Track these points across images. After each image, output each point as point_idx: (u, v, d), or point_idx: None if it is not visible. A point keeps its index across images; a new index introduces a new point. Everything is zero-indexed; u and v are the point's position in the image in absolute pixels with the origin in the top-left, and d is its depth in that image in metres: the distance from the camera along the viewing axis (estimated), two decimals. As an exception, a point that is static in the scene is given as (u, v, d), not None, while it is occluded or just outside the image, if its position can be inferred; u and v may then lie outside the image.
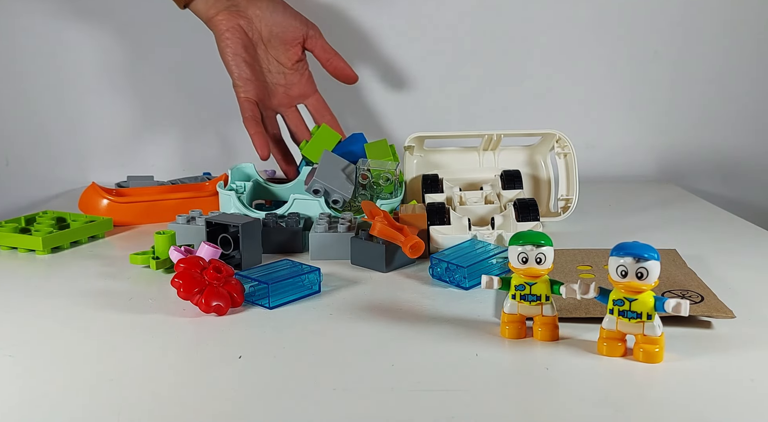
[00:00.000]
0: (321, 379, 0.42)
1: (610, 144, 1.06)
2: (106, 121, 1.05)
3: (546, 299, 0.46)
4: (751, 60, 1.04)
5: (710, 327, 0.48)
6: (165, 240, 0.62)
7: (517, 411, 0.38)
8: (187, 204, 0.80)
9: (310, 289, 0.56)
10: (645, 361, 0.43)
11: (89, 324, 0.50)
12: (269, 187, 0.79)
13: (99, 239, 0.73)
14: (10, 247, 0.69)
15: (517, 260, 0.46)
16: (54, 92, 1.04)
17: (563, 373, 0.42)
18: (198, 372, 0.43)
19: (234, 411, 0.38)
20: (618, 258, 0.42)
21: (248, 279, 0.54)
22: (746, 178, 1.07)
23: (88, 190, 0.81)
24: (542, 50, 1.04)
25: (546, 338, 0.46)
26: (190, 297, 0.51)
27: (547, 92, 1.06)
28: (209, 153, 1.05)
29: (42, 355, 0.45)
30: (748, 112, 1.06)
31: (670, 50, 1.04)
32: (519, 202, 0.69)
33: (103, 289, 0.57)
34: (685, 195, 0.95)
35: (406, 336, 0.48)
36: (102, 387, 0.41)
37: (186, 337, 0.48)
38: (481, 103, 1.06)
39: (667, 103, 1.06)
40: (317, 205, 0.70)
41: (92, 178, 0.98)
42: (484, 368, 0.43)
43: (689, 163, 1.07)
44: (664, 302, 0.42)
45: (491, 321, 0.50)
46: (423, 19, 1.03)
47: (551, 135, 0.78)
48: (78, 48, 1.02)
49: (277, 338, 0.48)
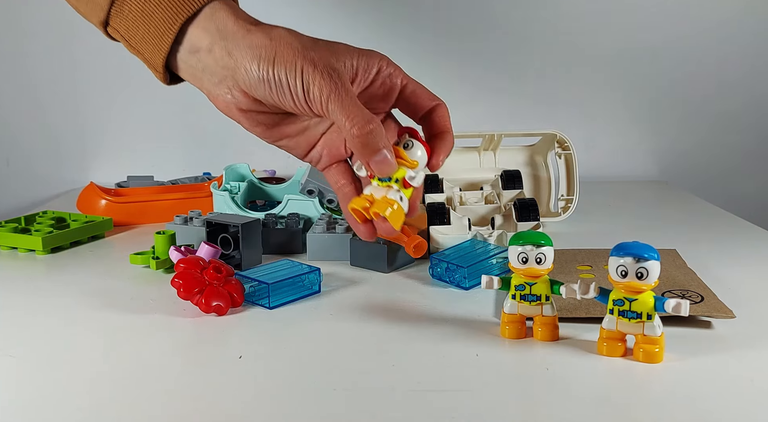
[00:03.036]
0: (321, 379, 0.42)
1: (610, 144, 1.07)
2: (106, 121, 1.05)
3: (546, 299, 0.46)
4: (751, 60, 1.04)
5: (710, 327, 0.48)
6: (165, 241, 0.62)
7: (517, 411, 0.38)
8: (185, 204, 0.80)
9: (310, 289, 0.56)
10: (645, 361, 0.43)
11: (89, 324, 0.50)
12: (264, 188, 0.79)
13: (99, 239, 0.73)
14: (10, 247, 0.69)
15: (517, 260, 0.45)
16: (54, 92, 1.04)
17: (563, 373, 0.42)
18: (198, 372, 0.43)
19: (234, 411, 0.38)
20: (618, 258, 0.42)
21: (248, 279, 0.54)
22: (746, 178, 1.07)
23: (87, 189, 0.81)
24: (542, 50, 1.05)
25: (546, 338, 0.46)
26: (190, 297, 0.51)
27: (547, 92, 1.06)
28: (209, 153, 1.05)
29: (42, 355, 0.45)
30: (748, 112, 1.06)
31: (670, 50, 1.04)
32: (519, 202, 0.69)
33: (103, 289, 0.57)
34: (685, 195, 0.95)
35: (407, 336, 0.48)
36: (102, 387, 0.41)
37: (186, 337, 0.48)
38: (481, 103, 1.06)
39: (667, 103, 1.06)
40: (311, 205, 0.70)
41: (92, 178, 0.98)
42: (484, 368, 0.43)
43: (689, 163, 1.07)
44: (664, 302, 0.42)
45: (491, 321, 0.50)
46: (423, 18, 1.03)
47: (551, 135, 0.78)
48: (80, 48, 1.02)
49: (277, 338, 0.48)
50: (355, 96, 0.45)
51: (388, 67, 0.49)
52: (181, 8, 0.47)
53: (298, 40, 0.46)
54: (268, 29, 0.46)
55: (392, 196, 0.46)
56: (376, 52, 0.49)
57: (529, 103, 1.06)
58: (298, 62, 0.45)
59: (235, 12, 0.47)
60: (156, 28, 0.47)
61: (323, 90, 0.44)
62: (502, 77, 1.05)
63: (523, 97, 1.06)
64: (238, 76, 0.46)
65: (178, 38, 0.47)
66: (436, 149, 0.48)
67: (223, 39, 0.46)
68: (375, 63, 0.48)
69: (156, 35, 0.47)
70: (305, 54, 0.45)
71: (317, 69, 0.45)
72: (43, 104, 1.05)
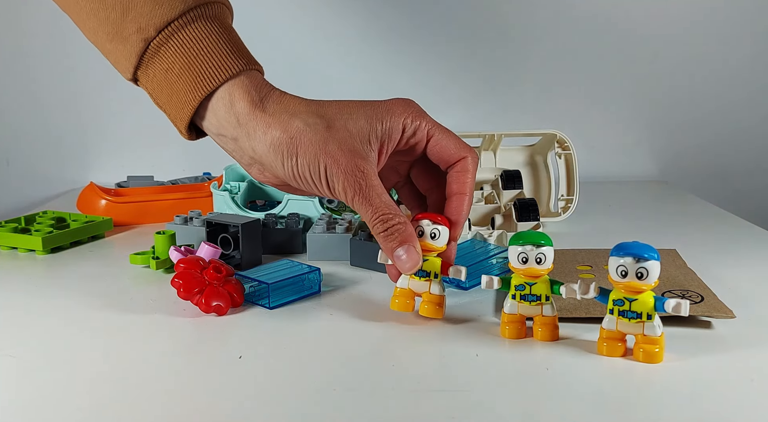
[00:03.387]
0: (321, 379, 0.42)
1: (610, 144, 1.07)
2: (106, 121, 1.05)
3: (546, 299, 0.46)
4: (751, 60, 1.04)
5: (710, 327, 0.48)
6: (165, 241, 0.62)
7: (517, 411, 0.38)
8: (185, 204, 0.80)
9: (310, 289, 0.56)
10: (645, 361, 0.43)
11: (89, 324, 0.50)
12: (263, 187, 0.78)
13: (99, 239, 0.73)
14: (10, 247, 0.69)
15: (517, 260, 0.45)
16: (54, 92, 1.04)
17: (563, 373, 0.42)
18: (198, 372, 0.43)
19: (234, 411, 0.38)
20: (618, 258, 0.42)
21: (248, 279, 0.54)
22: (746, 177, 1.07)
23: (87, 189, 0.81)
24: (542, 50, 1.05)
25: (546, 338, 0.46)
26: (190, 297, 0.51)
27: (547, 92, 1.06)
28: (209, 153, 1.05)
29: (42, 355, 0.45)
30: (748, 112, 1.06)
31: (670, 50, 1.04)
32: (519, 202, 0.69)
33: (103, 289, 0.57)
34: (685, 195, 0.95)
35: (406, 336, 0.48)
36: (102, 387, 0.41)
37: (186, 337, 0.48)
38: (481, 103, 1.06)
39: (667, 103, 1.06)
40: (311, 205, 0.70)
41: (92, 178, 0.98)
42: (484, 368, 0.43)
43: (689, 163, 1.07)
44: (664, 302, 0.42)
45: (491, 321, 0.50)
46: (423, 18, 1.03)
47: (551, 135, 0.78)
48: (80, 47, 1.01)
49: (277, 338, 0.48)
50: (379, 189, 0.46)
51: (412, 123, 0.48)
52: (198, 85, 0.47)
53: (315, 131, 0.46)
54: (285, 120, 0.46)
55: (435, 291, 0.48)
56: (397, 107, 0.48)
57: (529, 103, 1.06)
58: (321, 160, 0.45)
59: (248, 94, 0.47)
60: (177, 98, 0.48)
61: (347, 190, 0.45)
62: (502, 77, 1.05)
63: (523, 97, 1.06)
64: (265, 166, 0.47)
65: (199, 111, 0.48)
66: (450, 218, 0.49)
67: (242, 126, 0.47)
68: (398, 125, 0.47)
69: (177, 105, 0.49)
70: (326, 149, 0.45)
71: (340, 167, 0.45)
72: (43, 104, 1.05)
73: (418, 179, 0.52)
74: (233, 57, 0.47)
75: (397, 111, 0.47)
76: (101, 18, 0.48)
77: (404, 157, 0.50)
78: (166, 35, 0.47)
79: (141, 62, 0.48)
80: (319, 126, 0.46)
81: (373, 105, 0.48)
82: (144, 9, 0.47)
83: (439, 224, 0.47)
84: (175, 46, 0.47)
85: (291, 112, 0.46)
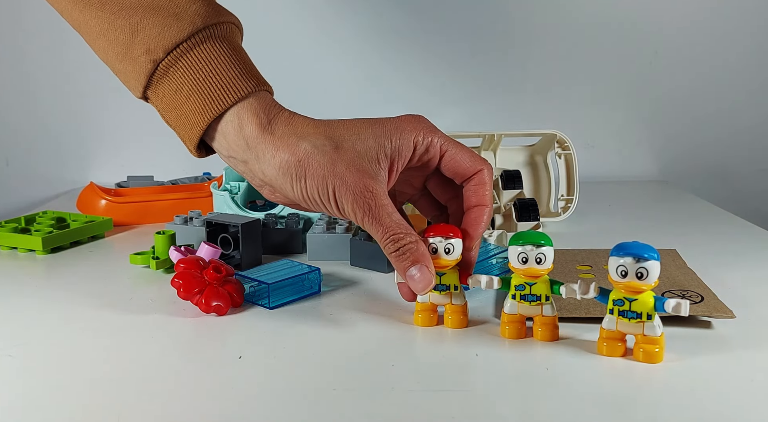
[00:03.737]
0: (321, 379, 0.42)
1: (610, 144, 1.07)
2: (106, 120, 1.05)
3: (546, 299, 0.46)
4: (751, 60, 1.04)
5: (710, 327, 0.48)
6: (165, 241, 0.62)
7: (517, 411, 0.38)
8: (185, 204, 0.80)
9: (310, 289, 0.56)
10: (645, 361, 0.43)
11: (89, 324, 0.50)
12: None
13: (99, 239, 0.73)
14: (10, 247, 0.69)
15: (517, 260, 0.45)
16: (54, 92, 1.04)
17: (563, 373, 0.42)
18: (198, 372, 0.43)
19: (234, 411, 0.38)
20: (618, 258, 0.42)
21: (248, 279, 0.54)
22: (746, 177, 1.07)
23: (87, 189, 0.81)
24: (542, 50, 1.05)
25: (546, 338, 0.46)
26: (190, 297, 0.51)
27: (547, 92, 1.06)
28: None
29: (42, 355, 0.45)
30: (748, 112, 1.06)
31: (670, 50, 1.04)
32: (519, 202, 0.69)
33: (103, 289, 0.57)
34: (685, 195, 0.95)
35: (406, 336, 0.48)
36: (102, 387, 0.41)
37: (186, 337, 0.48)
38: (481, 103, 1.06)
39: (666, 103, 1.06)
40: None
41: (92, 178, 0.98)
42: (484, 368, 0.43)
43: (689, 163, 1.07)
44: (664, 302, 0.42)
45: (491, 321, 0.50)
46: (423, 17, 1.03)
47: (551, 135, 0.78)
48: (80, 47, 1.01)
49: (277, 338, 0.48)
50: (389, 208, 0.45)
51: (424, 140, 0.47)
52: (207, 108, 0.47)
53: (323, 153, 0.45)
54: (293, 142, 0.46)
55: (457, 302, 0.48)
56: (407, 124, 0.47)
57: (529, 103, 1.06)
58: (329, 182, 0.45)
59: (257, 117, 0.47)
60: (186, 120, 0.48)
61: (357, 211, 0.45)
62: (501, 77, 1.05)
63: (523, 97, 1.06)
64: (275, 188, 0.47)
65: (209, 132, 0.48)
66: (468, 231, 0.48)
67: (251, 150, 0.47)
68: (409, 143, 0.47)
69: (186, 126, 0.48)
70: (334, 170, 0.45)
71: (349, 188, 0.45)
72: (43, 104, 1.05)
73: (436, 190, 0.52)
74: (242, 78, 0.47)
75: (408, 128, 0.47)
76: (111, 39, 0.48)
77: (418, 172, 0.50)
78: (175, 56, 0.47)
79: (150, 82, 0.48)
80: (327, 147, 0.45)
81: (382, 123, 0.47)
82: (153, 31, 0.46)
83: (452, 238, 0.47)
84: (183, 67, 0.47)
85: (299, 134, 0.46)
